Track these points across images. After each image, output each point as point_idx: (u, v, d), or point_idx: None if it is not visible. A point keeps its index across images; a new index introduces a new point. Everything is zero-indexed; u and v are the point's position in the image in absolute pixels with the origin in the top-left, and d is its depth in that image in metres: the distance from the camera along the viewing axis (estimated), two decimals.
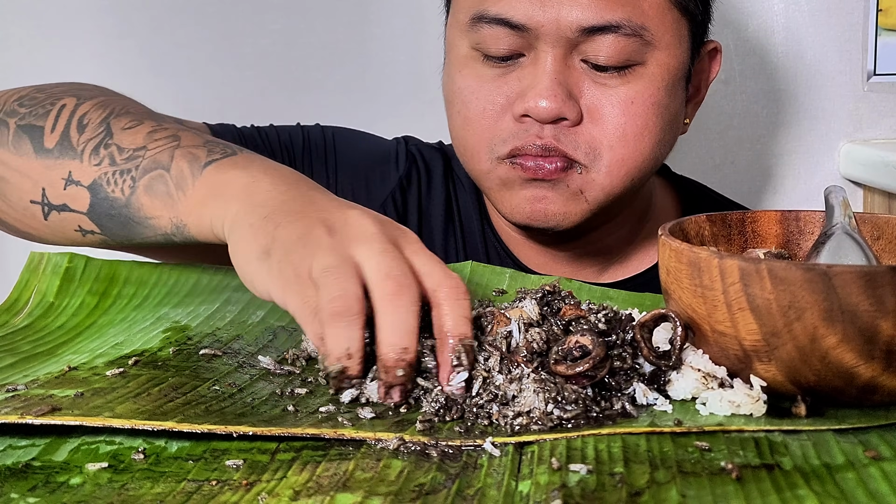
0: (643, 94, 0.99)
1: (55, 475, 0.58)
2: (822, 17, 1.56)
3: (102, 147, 0.87)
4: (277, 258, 0.71)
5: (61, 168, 0.88)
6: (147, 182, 0.84)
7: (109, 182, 0.86)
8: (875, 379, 0.63)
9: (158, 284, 0.90)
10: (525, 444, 0.61)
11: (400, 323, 0.66)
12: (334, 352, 0.66)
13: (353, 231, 0.71)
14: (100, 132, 0.88)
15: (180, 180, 0.83)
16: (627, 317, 0.71)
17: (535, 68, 0.98)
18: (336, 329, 0.66)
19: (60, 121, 0.90)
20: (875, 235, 0.77)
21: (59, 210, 0.89)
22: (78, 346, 0.79)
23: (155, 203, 0.84)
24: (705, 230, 0.77)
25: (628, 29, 0.96)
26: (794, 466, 0.57)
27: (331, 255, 0.68)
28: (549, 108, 0.96)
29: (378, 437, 0.62)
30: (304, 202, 0.76)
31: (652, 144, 1.00)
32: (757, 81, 1.58)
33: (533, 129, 0.98)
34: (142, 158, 0.85)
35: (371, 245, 0.69)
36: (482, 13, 0.98)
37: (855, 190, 1.59)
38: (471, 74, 1.01)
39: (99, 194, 0.86)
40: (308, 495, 0.55)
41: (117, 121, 0.89)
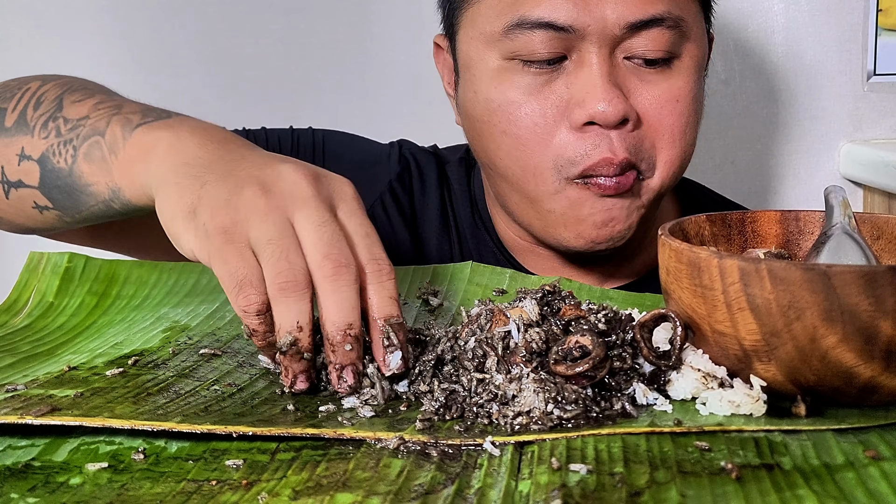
0: (684, 90, 0.98)
1: (55, 475, 0.58)
2: (822, 17, 1.56)
3: (51, 120, 0.88)
4: (204, 218, 0.70)
5: (16, 144, 0.89)
6: (86, 149, 0.84)
7: (55, 153, 0.86)
8: (875, 379, 0.63)
9: (158, 284, 0.90)
10: (525, 444, 0.61)
11: (342, 301, 0.67)
12: (284, 325, 0.66)
13: (287, 191, 0.70)
14: (51, 107, 0.89)
15: (113, 144, 0.82)
16: (627, 317, 0.71)
17: (582, 71, 0.95)
18: (285, 303, 0.66)
19: (22, 101, 0.91)
20: (875, 235, 0.77)
21: (16, 187, 0.89)
22: (77, 346, 0.79)
23: (92, 169, 0.84)
24: (705, 230, 0.77)
25: (671, 21, 0.95)
26: (793, 466, 0.57)
27: (269, 223, 0.68)
28: (614, 110, 0.93)
29: (378, 437, 0.62)
30: (233, 159, 0.75)
31: (692, 140, 1.00)
32: (757, 81, 1.58)
33: (602, 143, 0.95)
34: (83, 127, 0.85)
35: (308, 212, 0.69)
36: (521, 19, 0.94)
37: (855, 190, 1.59)
38: (511, 87, 0.97)
39: (47, 166, 0.87)
40: (308, 495, 0.55)
41: (70, 95, 0.90)
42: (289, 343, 0.67)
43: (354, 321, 0.67)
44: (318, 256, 0.67)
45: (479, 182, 1.15)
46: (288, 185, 0.71)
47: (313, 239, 0.68)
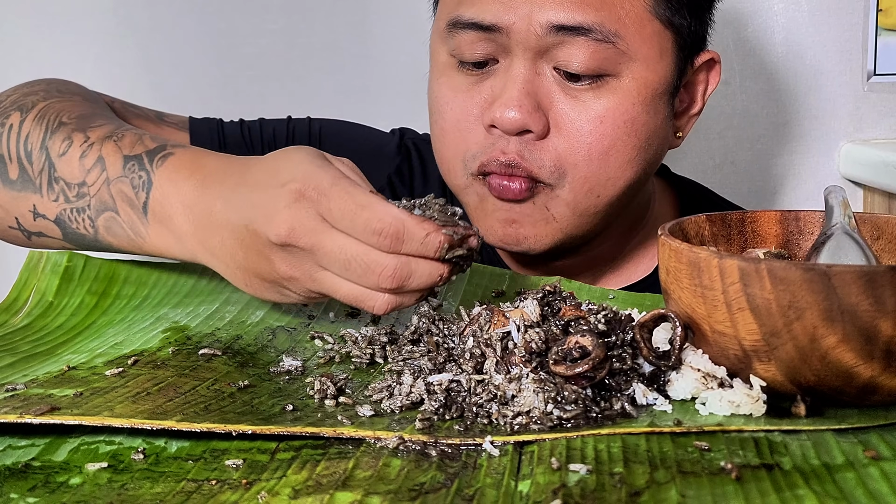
0: (615, 111, 0.95)
1: (55, 475, 0.58)
2: (822, 17, 1.56)
3: (54, 182, 0.88)
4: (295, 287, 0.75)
5: (26, 201, 0.89)
6: (104, 224, 0.86)
7: (71, 220, 0.87)
8: (875, 379, 0.63)
9: (158, 285, 0.90)
10: (525, 444, 0.61)
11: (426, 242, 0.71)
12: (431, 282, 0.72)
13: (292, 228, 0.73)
14: (43, 162, 0.89)
15: (132, 226, 0.84)
16: (627, 317, 0.71)
17: (505, 76, 0.96)
18: (415, 274, 0.71)
19: (13, 147, 0.91)
20: (875, 235, 0.77)
21: (38, 236, 0.91)
22: (77, 345, 0.79)
23: (122, 243, 0.86)
24: (705, 230, 0.77)
25: (600, 34, 0.93)
26: (793, 466, 0.57)
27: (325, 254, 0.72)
28: (515, 118, 0.93)
29: (377, 436, 0.62)
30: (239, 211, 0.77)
31: (620, 163, 0.96)
32: (757, 81, 1.58)
33: (499, 143, 0.96)
34: (88, 196, 0.86)
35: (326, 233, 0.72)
36: (457, 18, 0.97)
37: (855, 190, 1.59)
38: (447, 83, 1.00)
39: (67, 229, 0.88)
40: (308, 494, 0.55)
41: (52, 144, 0.90)
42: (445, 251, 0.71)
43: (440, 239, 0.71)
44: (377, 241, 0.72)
45: None
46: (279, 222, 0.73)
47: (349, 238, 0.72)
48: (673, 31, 0.97)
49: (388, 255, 0.71)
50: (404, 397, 0.67)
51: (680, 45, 0.99)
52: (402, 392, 0.67)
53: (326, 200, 0.72)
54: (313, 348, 0.79)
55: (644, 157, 0.98)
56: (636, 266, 1.11)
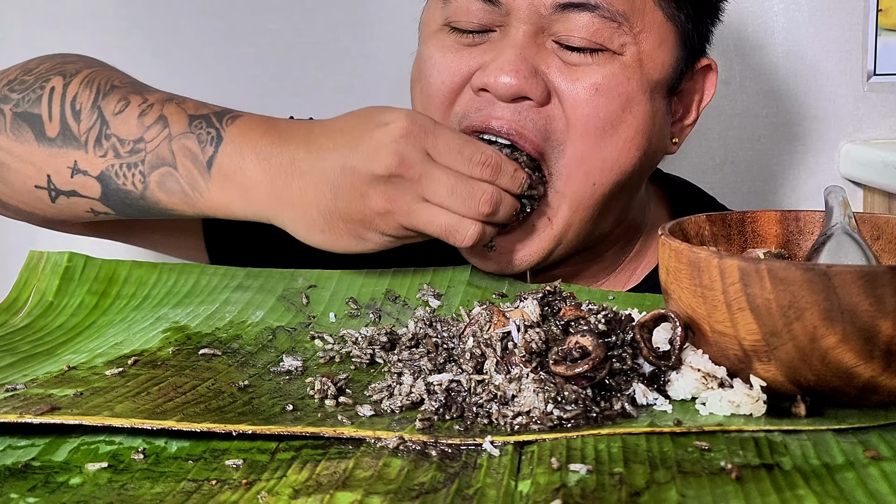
0: (610, 81, 0.92)
1: (55, 475, 0.58)
2: (822, 17, 1.56)
3: (104, 138, 0.88)
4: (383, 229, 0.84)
5: (66, 157, 0.89)
6: (158, 179, 0.86)
7: (118, 175, 0.87)
8: (875, 379, 0.63)
9: (158, 285, 0.90)
10: (525, 444, 0.61)
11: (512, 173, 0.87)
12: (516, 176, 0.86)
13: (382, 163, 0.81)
14: (95, 120, 0.89)
15: (192, 181, 0.85)
16: (627, 317, 0.71)
17: (501, 43, 0.93)
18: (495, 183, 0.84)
19: (54, 107, 0.90)
20: (875, 235, 0.77)
21: (69, 195, 0.90)
22: (77, 345, 0.79)
23: (173, 199, 0.87)
24: (705, 230, 0.77)
25: (606, 12, 0.91)
26: (793, 466, 0.57)
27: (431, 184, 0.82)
28: (511, 83, 0.90)
29: (377, 436, 0.62)
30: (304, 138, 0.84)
31: (618, 144, 0.93)
32: (757, 81, 1.57)
33: (486, 109, 0.92)
34: (144, 152, 0.87)
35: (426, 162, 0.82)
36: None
37: (855, 190, 1.59)
38: (435, 45, 0.96)
39: (110, 185, 0.88)
40: (308, 494, 0.55)
41: (106, 104, 0.90)
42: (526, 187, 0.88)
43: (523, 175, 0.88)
44: (475, 170, 0.84)
45: None
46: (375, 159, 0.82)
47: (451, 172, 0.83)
48: (675, 25, 0.97)
49: (487, 184, 0.82)
50: (404, 397, 0.67)
51: (682, 42, 0.98)
52: (402, 392, 0.67)
53: (433, 137, 0.82)
54: (313, 348, 0.79)
55: (641, 145, 0.95)
56: (630, 275, 1.08)
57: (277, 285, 0.89)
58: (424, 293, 0.87)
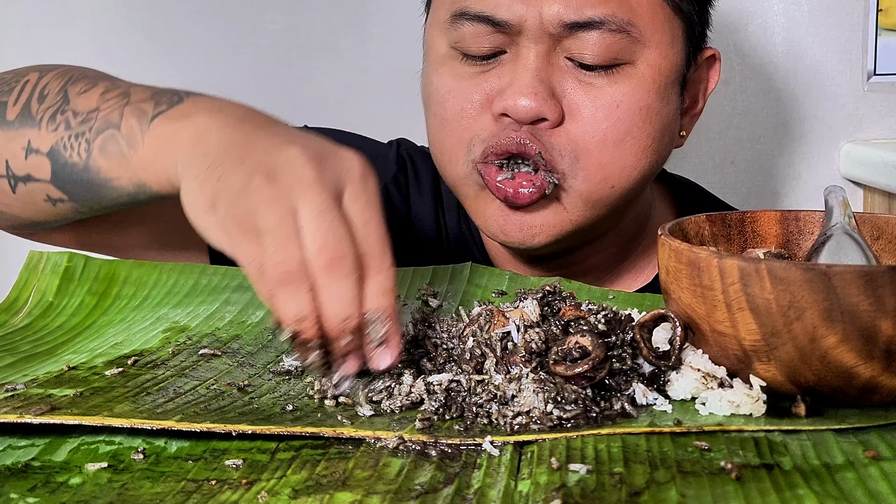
0: (630, 97, 0.94)
1: (55, 475, 0.58)
2: (822, 17, 1.56)
3: (59, 113, 0.86)
4: (222, 212, 0.70)
5: (21, 138, 0.87)
6: (101, 143, 0.83)
7: (66, 147, 0.84)
8: (875, 379, 0.63)
9: (158, 285, 0.90)
10: (525, 444, 0.61)
11: (337, 294, 0.66)
12: (286, 317, 0.66)
13: (292, 177, 0.69)
14: (57, 99, 0.87)
15: (130, 138, 0.81)
16: (627, 317, 0.71)
17: (515, 65, 0.94)
18: (283, 295, 0.66)
19: (23, 94, 0.89)
20: (875, 235, 0.77)
21: (25, 181, 0.87)
22: (77, 345, 0.79)
23: (111, 164, 0.82)
24: (705, 230, 0.77)
25: (614, 25, 0.92)
26: (793, 466, 0.57)
27: (271, 212, 0.67)
28: (529, 106, 0.91)
29: (377, 436, 0.62)
30: (246, 144, 0.74)
31: (635, 151, 0.95)
32: (757, 81, 1.58)
33: (509, 129, 0.93)
34: (94, 120, 0.84)
35: (309, 200, 0.68)
36: (463, 10, 0.94)
37: (855, 190, 1.59)
38: (448, 73, 0.97)
39: (59, 160, 0.85)
40: (308, 494, 0.55)
41: (74, 86, 0.88)
42: (289, 336, 0.67)
43: (351, 313, 0.66)
44: (314, 248, 0.66)
45: None
46: (293, 170, 0.70)
47: (311, 229, 0.67)
48: (682, 18, 0.98)
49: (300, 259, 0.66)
50: (404, 397, 0.67)
51: (689, 35, 0.99)
52: (401, 392, 0.67)
53: (342, 174, 0.70)
54: None
55: (657, 148, 0.97)
56: (637, 275, 1.09)
57: None
58: (424, 293, 0.87)
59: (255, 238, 0.67)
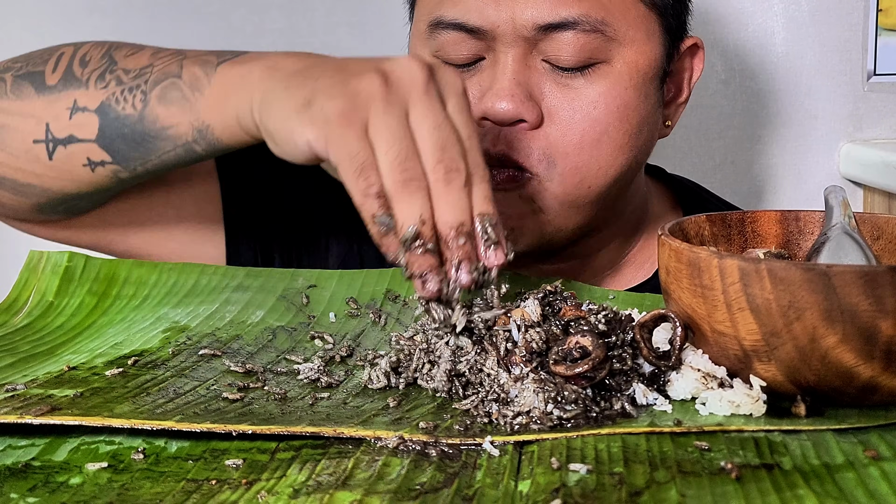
0: (607, 97, 0.94)
1: (55, 475, 0.58)
2: (822, 17, 1.56)
3: (108, 73, 0.85)
4: (321, 104, 0.71)
5: (66, 98, 0.86)
6: (160, 92, 0.83)
7: (118, 101, 0.84)
8: (875, 379, 0.63)
9: (158, 285, 0.90)
10: (525, 444, 0.61)
11: (454, 202, 0.69)
12: (408, 219, 0.68)
13: (405, 82, 0.71)
14: (103, 62, 0.86)
15: (194, 83, 0.81)
16: (627, 317, 0.71)
17: (494, 70, 0.94)
18: (407, 198, 0.68)
19: (62, 62, 0.88)
20: (875, 235, 0.77)
21: (66, 143, 0.86)
22: (77, 346, 0.79)
23: (171, 110, 0.82)
24: (705, 230, 0.77)
25: (587, 25, 0.92)
26: (793, 466, 0.57)
27: (390, 115, 0.70)
28: (508, 109, 0.91)
29: (377, 436, 0.62)
30: (340, 60, 0.75)
31: (612, 150, 0.95)
32: (757, 81, 1.58)
33: (489, 135, 0.94)
34: (150, 73, 0.84)
35: (425, 110, 0.70)
36: (438, 19, 0.95)
37: (855, 190, 1.59)
38: None
39: (108, 115, 0.84)
40: (307, 493, 0.55)
41: (118, 51, 0.88)
42: (413, 234, 0.68)
43: (466, 220, 0.69)
44: (432, 160, 0.69)
45: None
46: (406, 74, 0.72)
47: (430, 142, 0.70)
48: (657, 13, 0.97)
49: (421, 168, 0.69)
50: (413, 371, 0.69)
51: (666, 28, 0.99)
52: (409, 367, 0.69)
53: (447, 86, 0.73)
54: (313, 348, 0.79)
55: (635, 144, 0.97)
56: (636, 271, 1.09)
57: (277, 285, 0.89)
58: None
59: (361, 133, 0.69)
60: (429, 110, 0.70)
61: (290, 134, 0.72)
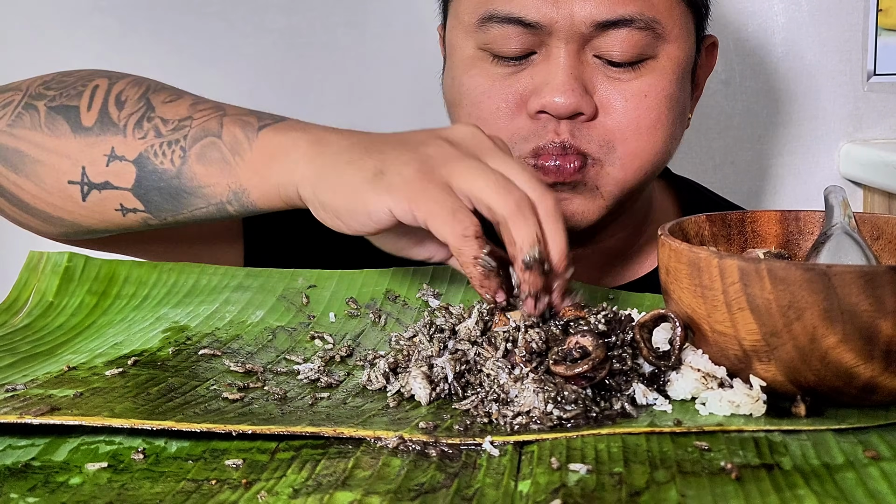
0: (656, 88, 0.98)
1: (55, 475, 0.58)
2: (822, 17, 1.56)
3: (146, 120, 0.86)
4: (397, 169, 0.74)
5: (103, 144, 0.86)
6: (199, 150, 0.83)
7: (157, 154, 0.84)
8: (875, 379, 0.63)
9: (158, 284, 0.90)
10: (525, 444, 0.61)
11: (560, 233, 0.73)
12: (528, 239, 0.71)
13: (472, 143, 0.76)
14: (140, 107, 0.87)
15: (235, 146, 0.82)
16: (627, 317, 0.71)
17: (547, 65, 0.97)
18: (524, 220, 0.72)
19: (96, 99, 0.88)
20: (875, 235, 0.77)
21: (101, 188, 0.87)
22: (77, 346, 0.79)
23: (210, 170, 0.83)
24: (705, 230, 0.77)
25: (641, 22, 0.96)
26: (793, 466, 0.57)
27: (470, 162, 0.74)
28: (566, 103, 0.95)
29: (377, 436, 0.62)
30: (390, 136, 0.78)
31: (664, 137, 1.00)
32: (757, 81, 1.57)
33: (550, 125, 0.97)
34: (189, 128, 0.84)
35: (501, 158, 0.75)
36: (492, 13, 0.97)
37: (855, 190, 1.59)
38: (480, 74, 0.99)
39: (146, 167, 0.85)
40: (307, 493, 0.55)
41: (156, 95, 0.88)
42: (535, 256, 0.70)
43: (568, 251, 0.73)
44: (539, 191, 0.74)
45: None
46: (468, 136, 0.76)
47: (525, 177, 0.74)
48: (693, 11, 1.02)
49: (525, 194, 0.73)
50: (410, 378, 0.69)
51: (697, 25, 1.04)
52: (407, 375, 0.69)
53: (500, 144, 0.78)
54: (313, 348, 0.79)
55: (678, 133, 1.03)
56: (644, 261, 1.13)
57: (277, 285, 0.89)
58: (424, 293, 0.87)
59: (444, 185, 0.72)
60: (505, 156, 0.75)
61: (365, 205, 0.74)
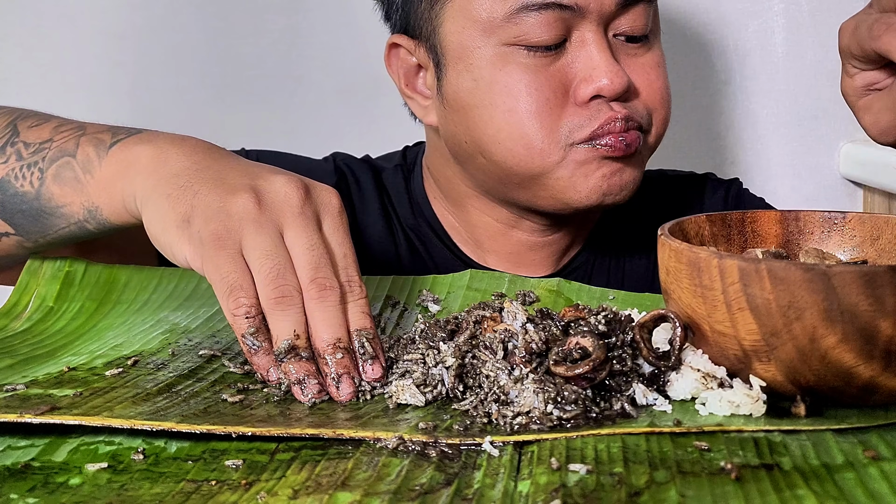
0: (660, 56, 1.05)
1: (54, 475, 0.58)
2: (822, 17, 1.56)
3: (9, 146, 0.87)
4: (198, 225, 0.73)
5: None
6: (55, 171, 0.84)
7: (17, 177, 0.86)
8: (874, 379, 0.63)
9: (158, 289, 0.90)
10: (524, 444, 0.61)
11: (329, 319, 0.71)
12: (282, 334, 0.70)
13: (279, 203, 0.74)
14: (6, 133, 0.88)
15: (87, 164, 0.83)
16: (627, 318, 0.71)
17: (584, 49, 0.99)
18: (281, 315, 0.70)
19: None
20: (875, 235, 0.77)
21: None
22: (77, 348, 0.79)
23: (65, 190, 0.84)
24: (705, 230, 0.77)
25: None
26: (793, 466, 0.57)
27: (263, 234, 0.72)
28: (621, 82, 0.98)
29: (377, 437, 0.62)
30: (222, 167, 0.77)
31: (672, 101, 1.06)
32: (757, 81, 1.58)
33: (603, 107, 0.99)
34: (48, 150, 0.85)
35: (299, 231, 0.73)
36: (526, 2, 0.97)
37: (855, 190, 1.59)
38: (518, 68, 0.99)
39: (8, 191, 0.86)
40: (307, 494, 0.55)
41: (23, 122, 0.89)
42: (286, 347, 0.69)
43: (342, 335, 0.71)
44: (306, 279, 0.71)
45: (418, 186, 1.16)
46: (280, 196, 0.74)
47: (304, 261, 0.72)
48: None
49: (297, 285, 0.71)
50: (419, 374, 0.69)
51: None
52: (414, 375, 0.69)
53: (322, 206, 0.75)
54: None
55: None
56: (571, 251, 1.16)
57: None
58: (424, 298, 0.88)
59: (234, 254, 0.71)
60: (302, 230, 0.73)
61: (170, 246, 0.75)
